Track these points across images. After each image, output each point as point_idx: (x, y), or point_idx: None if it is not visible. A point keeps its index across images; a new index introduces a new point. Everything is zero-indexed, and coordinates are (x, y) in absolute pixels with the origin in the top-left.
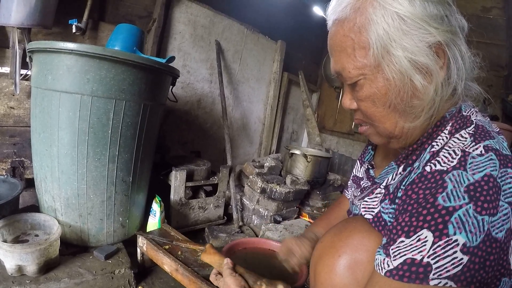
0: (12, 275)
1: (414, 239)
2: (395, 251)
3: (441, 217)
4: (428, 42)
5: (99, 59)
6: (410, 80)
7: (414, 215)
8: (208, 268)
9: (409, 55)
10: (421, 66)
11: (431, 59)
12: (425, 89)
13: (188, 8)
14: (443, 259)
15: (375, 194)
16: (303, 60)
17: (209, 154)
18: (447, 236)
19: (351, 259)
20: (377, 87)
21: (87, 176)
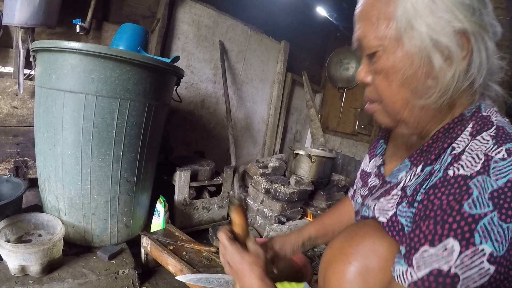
0: (15, 275)
1: (440, 248)
2: (419, 261)
3: (468, 225)
4: (454, 27)
5: (104, 58)
6: (428, 59)
7: (439, 223)
8: (213, 269)
9: (433, 34)
10: (442, 48)
11: (454, 44)
12: (442, 71)
13: (192, 8)
14: (470, 269)
15: (391, 196)
16: (306, 61)
17: (213, 155)
18: (474, 246)
19: (362, 266)
20: (394, 61)
21: (91, 176)
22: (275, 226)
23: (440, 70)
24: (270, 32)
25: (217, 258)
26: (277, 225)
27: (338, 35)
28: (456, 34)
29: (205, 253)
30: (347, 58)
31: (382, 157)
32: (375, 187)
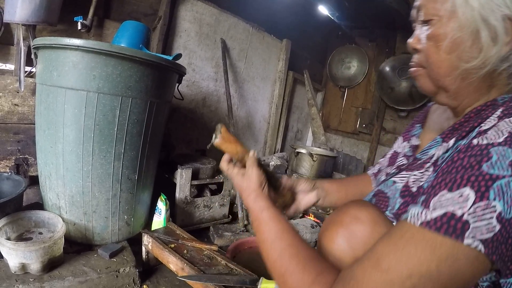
0: (16, 273)
1: (456, 194)
2: (436, 204)
3: (484, 181)
4: (503, 12)
5: (105, 55)
6: (477, 32)
7: (459, 173)
8: (215, 267)
9: (483, 12)
10: (490, 27)
11: (500, 27)
12: (486, 44)
13: (193, 6)
14: (480, 221)
15: (425, 169)
16: (308, 59)
17: (214, 153)
18: (487, 200)
19: (347, 232)
20: (446, 29)
21: (92, 174)
22: None
23: (485, 44)
24: (272, 30)
25: (218, 257)
26: None
27: (340, 34)
28: (504, 19)
29: (206, 252)
30: (348, 57)
31: (418, 139)
32: (404, 165)
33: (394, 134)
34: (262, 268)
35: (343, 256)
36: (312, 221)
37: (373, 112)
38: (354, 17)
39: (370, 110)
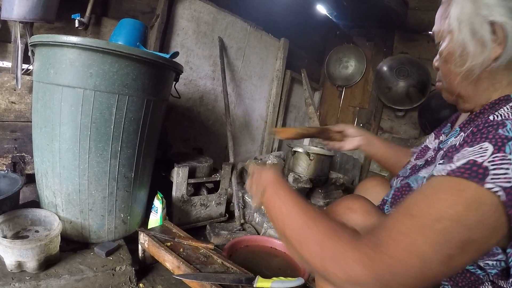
0: (12, 271)
1: (476, 147)
2: (459, 156)
3: (501, 140)
4: (489, 21)
5: (102, 53)
6: (465, 45)
7: (477, 135)
8: (211, 266)
9: (472, 27)
10: (478, 37)
11: (488, 34)
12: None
13: (191, 4)
14: (499, 169)
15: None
16: (306, 58)
17: (211, 151)
18: (504, 152)
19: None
20: (447, 46)
21: (89, 172)
22: None
23: (476, 50)
24: (270, 29)
25: (214, 255)
26: None
27: (338, 33)
28: (492, 25)
29: (202, 250)
30: (346, 57)
31: (445, 136)
32: (431, 157)
33: (391, 133)
34: (258, 267)
35: None
36: None
37: (370, 111)
38: (352, 17)
39: (367, 109)
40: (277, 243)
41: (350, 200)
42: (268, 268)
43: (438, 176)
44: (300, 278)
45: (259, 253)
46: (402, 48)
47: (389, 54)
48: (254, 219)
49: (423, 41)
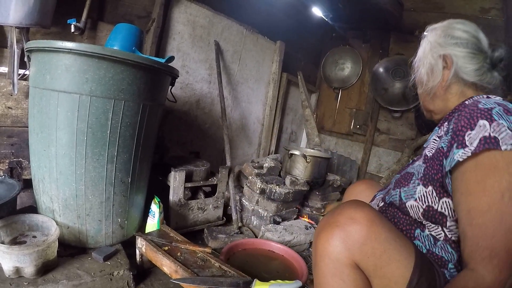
0: (10, 276)
1: (478, 127)
2: (469, 140)
3: (486, 112)
4: (440, 53)
5: (98, 58)
6: (427, 73)
7: (469, 117)
8: (208, 270)
9: (430, 61)
10: (434, 67)
11: (440, 64)
12: (436, 77)
13: (187, 8)
14: (501, 133)
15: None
16: (302, 61)
17: (208, 155)
18: (495, 120)
19: (342, 232)
20: (417, 77)
21: (86, 177)
22: (270, 226)
23: (435, 75)
24: (266, 32)
25: (211, 259)
26: (272, 225)
27: (334, 36)
28: (441, 57)
29: (200, 254)
30: (342, 59)
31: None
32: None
33: (388, 134)
34: (256, 270)
35: (340, 257)
36: (307, 222)
37: (367, 113)
38: (348, 19)
39: (364, 111)
40: (275, 246)
41: (352, 209)
42: (266, 271)
43: (463, 164)
44: (298, 281)
45: (257, 256)
46: (398, 50)
47: (385, 56)
48: (251, 222)
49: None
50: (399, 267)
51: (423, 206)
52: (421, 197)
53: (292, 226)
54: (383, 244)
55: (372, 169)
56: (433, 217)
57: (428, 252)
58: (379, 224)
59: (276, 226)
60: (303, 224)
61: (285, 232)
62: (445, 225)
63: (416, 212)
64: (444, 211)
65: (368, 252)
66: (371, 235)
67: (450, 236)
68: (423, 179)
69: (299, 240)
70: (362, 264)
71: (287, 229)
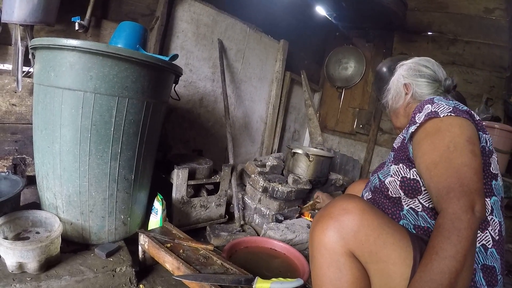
0: (13, 272)
1: (424, 110)
2: (418, 118)
3: (430, 100)
4: (403, 83)
5: (102, 56)
6: (395, 97)
7: (418, 106)
8: (210, 267)
9: (396, 88)
10: (398, 92)
11: (403, 90)
12: (397, 100)
13: (191, 6)
14: (440, 107)
15: (397, 145)
16: (305, 60)
17: (211, 153)
18: (436, 102)
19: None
20: (387, 101)
21: (89, 174)
22: (272, 224)
23: (398, 98)
24: (269, 31)
25: (213, 256)
26: (274, 223)
27: (337, 35)
28: (403, 85)
29: (202, 251)
30: (346, 58)
31: None
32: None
33: (391, 134)
34: (258, 268)
35: (335, 247)
36: (309, 221)
37: (370, 112)
38: (351, 18)
39: (367, 110)
40: (277, 244)
41: (344, 201)
42: (268, 269)
43: (416, 132)
44: (299, 279)
45: (259, 254)
46: (401, 49)
47: (389, 55)
48: (254, 220)
49: (423, 42)
50: (395, 249)
51: (399, 178)
52: (395, 172)
53: (294, 225)
54: (377, 230)
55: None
56: (409, 186)
57: (415, 228)
58: (370, 212)
59: (278, 224)
60: (305, 223)
61: (287, 230)
62: (420, 193)
63: (394, 186)
64: (416, 177)
65: (362, 239)
66: (364, 223)
67: (427, 205)
68: (393, 161)
69: (301, 239)
70: (357, 251)
71: (289, 227)
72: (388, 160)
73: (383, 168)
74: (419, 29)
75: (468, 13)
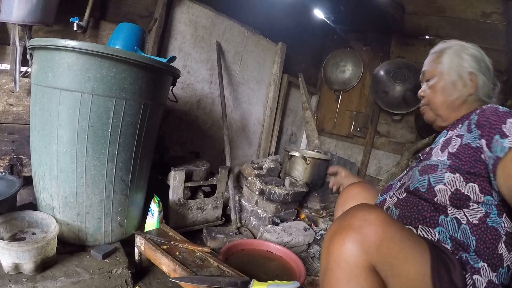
0: (9, 273)
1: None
2: (508, 131)
3: (509, 113)
4: (468, 70)
5: (100, 57)
6: (455, 83)
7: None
8: (206, 269)
9: (458, 72)
10: (463, 79)
11: (467, 78)
12: (460, 89)
13: (189, 8)
14: None
15: (441, 145)
16: (303, 63)
17: (208, 155)
18: None
19: (358, 235)
20: (439, 84)
21: (86, 175)
22: (269, 227)
23: (460, 88)
24: (267, 33)
25: (210, 258)
26: (271, 226)
27: (335, 38)
28: (469, 74)
29: (198, 253)
30: (343, 61)
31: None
32: (423, 155)
33: (388, 137)
34: (254, 270)
35: (357, 260)
36: (305, 224)
37: (367, 115)
38: (349, 21)
39: (364, 113)
40: (273, 246)
41: (365, 211)
42: (264, 272)
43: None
44: (295, 282)
45: (255, 256)
46: (399, 53)
47: (386, 59)
48: (250, 223)
49: (420, 46)
50: (415, 264)
51: (452, 189)
52: (450, 182)
53: (291, 227)
54: (399, 244)
55: (372, 172)
56: (459, 199)
57: (450, 238)
58: (392, 224)
59: (274, 227)
60: (302, 225)
61: (284, 233)
62: (467, 207)
63: (444, 195)
64: (469, 194)
65: (385, 253)
66: (387, 235)
67: (471, 220)
68: (450, 169)
69: (297, 241)
70: (379, 265)
71: (286, 230)
72: (440, 164)
73: (436, 172)
74: (417, 33)
75: (465, 17)
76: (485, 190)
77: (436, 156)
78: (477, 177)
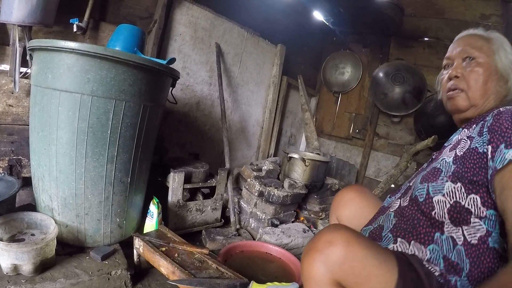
0: (8, 274)
1: None
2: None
3: None
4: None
5: (100, 59)
6: (508, 75)
7: (509, 123)
8: (205, 271)
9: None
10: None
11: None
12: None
13: (189, 10)
14: None
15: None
16: (302, 65)
17: (207, 157)
18: None
19: (323, 256)
20: (486, 67)
21: (85, 176)
22: (268, 229)
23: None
24: (267, 35)
25: (209, 260)
26: (270, 228)
27: (334, 40)
28: None
29: (197, 255)
30: (342, 63)
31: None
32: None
33: (387, 139)
34: (253, 272)
35: (323, 279)
36: (304, 225)
37: (366, 117)
38: (348, 23)
39: (363, 115)
40: (272, 248)
41: (329, 233)
42: (263, 274)
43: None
44: (294, 283)
45: (254, 258)
46: (398, 55)
47: (385, 60)
48: (249, 225)
49: (419, 48)
50: (380, 281)
51: (451, 201)
52: (449, 192)
53: (290, 229)
54: (361, 262)
55: (371, 174)
56: (459, 213)
57: (443, 258)
58: (356, 243)
59: (274, 228)
60: (301, 227)
61: (283, 235)
62: (468, 223)
63: (442, 208)
64: (470, 207)
65: (348, 271)
66: (349, 254)
67: (470, 240)
68: (452, 176)
69: (296, 243)
70: (344, 282)
71: (285, 232)
72: (444, 169)
73: (437, 180)
74: (416, 35)
75: (464, 19)
76: (487, 203)
77: (445, 155)
78: (479, 187)
